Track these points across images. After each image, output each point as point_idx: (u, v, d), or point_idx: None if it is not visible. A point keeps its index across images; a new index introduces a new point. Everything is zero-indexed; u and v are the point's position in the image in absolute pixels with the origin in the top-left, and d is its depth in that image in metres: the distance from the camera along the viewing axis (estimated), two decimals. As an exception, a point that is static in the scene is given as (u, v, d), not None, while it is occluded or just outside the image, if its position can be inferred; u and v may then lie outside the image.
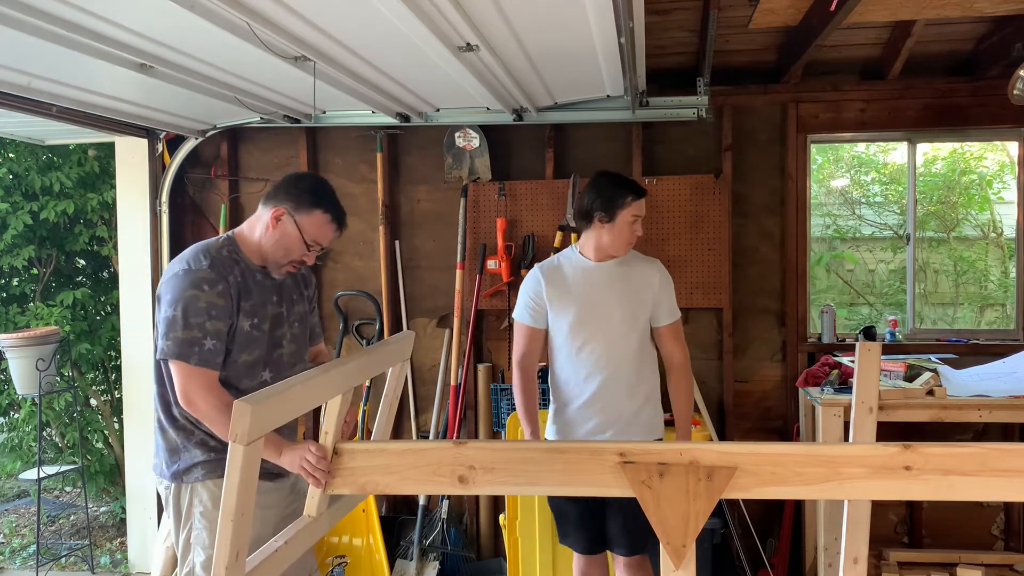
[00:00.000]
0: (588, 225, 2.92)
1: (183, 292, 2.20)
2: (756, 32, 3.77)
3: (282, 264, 2.38)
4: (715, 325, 4.28)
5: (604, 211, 2.86)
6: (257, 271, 2.37)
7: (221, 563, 1.58)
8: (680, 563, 1.57)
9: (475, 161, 4.35)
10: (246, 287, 2.32)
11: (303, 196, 2.34)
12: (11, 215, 4.97)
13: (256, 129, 4.50)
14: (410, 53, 2.91)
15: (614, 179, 2.95)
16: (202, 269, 2.24)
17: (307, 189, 2.36)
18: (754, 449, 1.61)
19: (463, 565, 4.22)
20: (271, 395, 1.64)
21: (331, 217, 2.36)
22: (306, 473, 1.93)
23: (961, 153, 6.94)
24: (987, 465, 1.54)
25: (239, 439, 1.54)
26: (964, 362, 3.86)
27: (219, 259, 2.29)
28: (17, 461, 5.32)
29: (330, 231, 2.38)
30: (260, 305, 2.35)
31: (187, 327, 2.18)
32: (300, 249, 2.36)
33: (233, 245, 2.36)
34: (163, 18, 2.49)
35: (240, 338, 2.29)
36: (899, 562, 3.89)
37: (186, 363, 2.17)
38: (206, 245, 2.34)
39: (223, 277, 2.26)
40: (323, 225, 2.35)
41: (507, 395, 3.92)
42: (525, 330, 2.99)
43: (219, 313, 2.22)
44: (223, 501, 1.58)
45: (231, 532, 1.57)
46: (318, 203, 2.34)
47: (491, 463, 1.69)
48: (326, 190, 2.40)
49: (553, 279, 2.95)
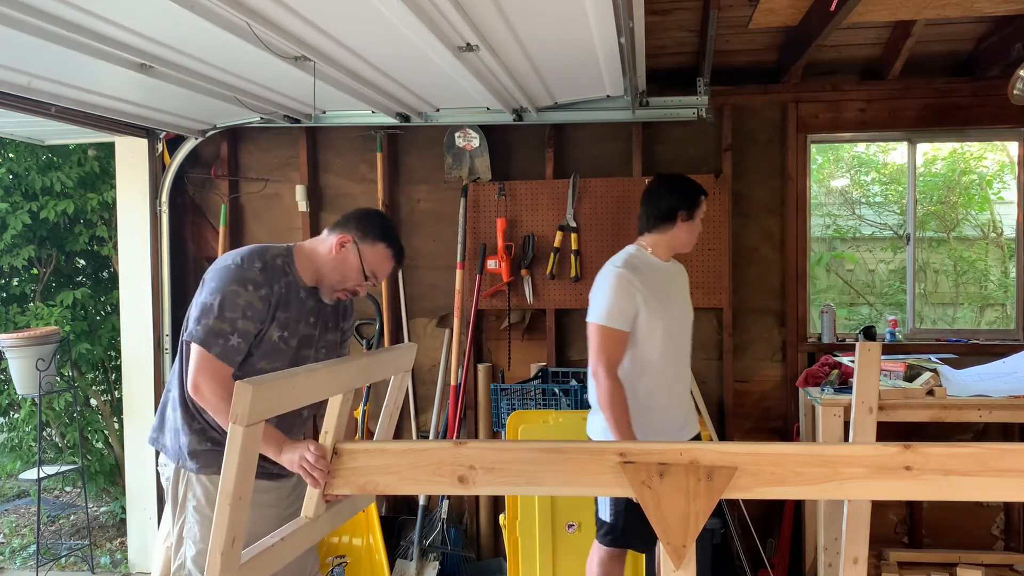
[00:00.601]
0: (669, 224, 2.94)
1: (227, 285, 2.27)
2: (756, 32, 3.77)
3: (336, 289, 2.45)
4: (715, 325, 4.28)
5: (688, 209, 2.93)
6: (303, 288, 2.42)
7: (217, 548, 1.57)
8: (680, 563, 1.57)
9: (475, 161, 4.35)
10: (287, 299, 2.36)
11: (371, 228, 2.43)
12: (11, 215, 4.97)
13: (256, 129, 4.50)
14: (410, 53, 2.91)
15: (687, 179, 3.03)
16: (252, 270, 2.30)
17: (376, 223, 2.46)
18: (754, 449, 1.61)
19: (463, 565, 4.22)
20: (273, 380, 1.66)
21: (392, 253, 2.46)
22: (304, 472, 1.94)
23: (961, 153, 6.95)
24: (987, 465, 1.54)
25: (239, 420, 1.54)
26: (964, 362, 3.86)
27: (271, 266, 2.35)
28: (17, 461, 5.32)
29: (388, 266, 2.47)
30: (294, 320, 2.39)
31: (220, 319, 2.24)
32: (357, 278, 2.43)
33: (289, 258, 2.42)
34: (163, 18, 2.49)
35: (266, 345, 2.33)
36: (899, 562, 3.89)
37: (207, 352, 2.23)
38: (264, 248, 2.40)
39: (269, 283, 2.32)
40: (384, 259, 2.45)
41: (507, 395, 3.91)
42: (618, 336, 2.80)
43: (254, 315, 2.28)
44: (221, 484, 1.59)
45: (228, 515, 1.57)
46: (383, 237, 2.44)
47: (491, 463, 1.69)
48: (392, 228, 2.51)
49: (642, 280, 2.86)
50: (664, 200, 2.95)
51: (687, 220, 2.94)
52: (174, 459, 2.42)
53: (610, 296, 2.80)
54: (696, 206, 2.95)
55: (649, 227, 2.97)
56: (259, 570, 1.76)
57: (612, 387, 2.74)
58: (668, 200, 2.94)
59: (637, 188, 4.23)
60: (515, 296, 4.34)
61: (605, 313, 2.80)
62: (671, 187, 2.98)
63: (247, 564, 1.69)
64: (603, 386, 2.75)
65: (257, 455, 1.66)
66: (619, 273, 2.83)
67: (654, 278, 2.91)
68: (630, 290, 2.81)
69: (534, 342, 4.42)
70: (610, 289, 2.82)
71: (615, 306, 2.79)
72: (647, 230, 2.98)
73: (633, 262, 2.91)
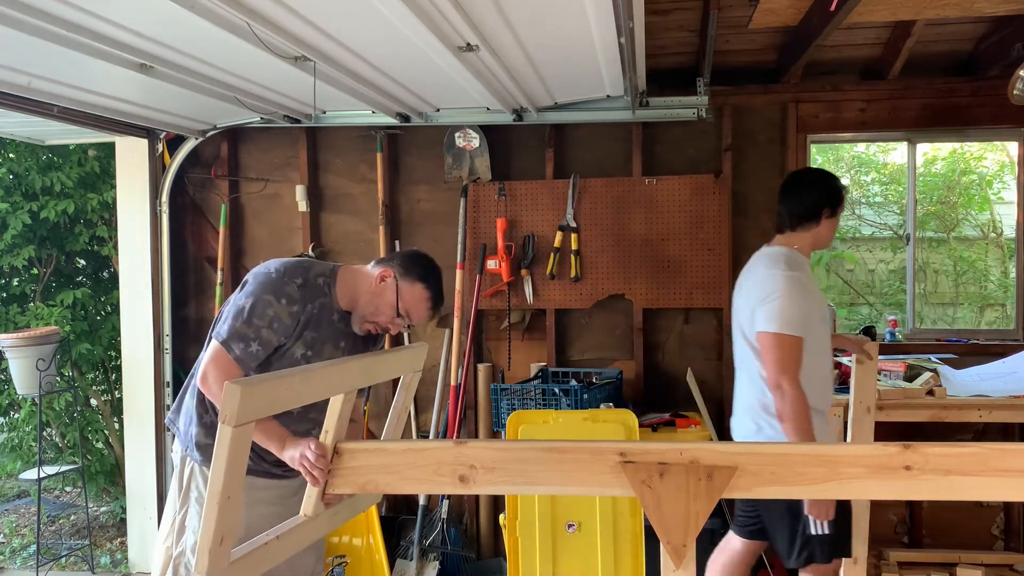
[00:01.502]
0: (813, 222, 2.85)
1: (262, 293, 2.29)
2: (756, 32, 3.77)
3: (367, 320, 2.44)
4: (715, 325, 4.28)
5: (833, 207, 2.87)
6: (336, 311, 2.42)
7: (205, 546, 1.57)
8: (680, 562, 1.57)
9: (475, 161, 4.35)
10: (317, 320, 2.37)
11: (413, 268, 2.43)
12: (11, 215, 4.97)
13: (256, 129, 4.50)
14: (410, 53, 2.91)
15: (827, 174, 2.97)
16: (291, 284, 2.32)
17: (420, 264, 2.45)
18: (755, 449, 1.61)
19: (463, 565, 4.22)
20: (264, 380, 1.65)
21: (430, 295, 2.44)
22: (304, 470, 1.94)
23: (961, 153, 6.95)
24: (988, 465, 1.54)
25: (227, 420, 1.55)
26: (964, 362, 3.86)
27: (311, 284, 2.36)
28: (17, 461, 5.32)
29: (424, 308, 2.45)
30: (321, 342, 2.39)
31: (247, 323, 2.26)
32: (390, 313, 2.41)
33: (332, 279, 2.42)
34: (163, 18, 2.50)
35: (287, 360, 2.34)
36: (899, 562, 3.89)
37: (226, 352, 2.26)
38: (310, 264, 2.41)
39: (303, 301, 2.33)
40: (420, 300, 2.43)
41: (507, 395, 3.91)
42: (798, 343, 2.65)
43: (279, 328, 2.29)
44: (209, 483, 1.59)
45: (216, 515, 1.57)
46: (424, 279, 2.43)
47: (492, 462, 1.69)
48: (436, 273, 2.48)
49: (807, 282, 2.77)
50: (808, 197, 2.85)
51: (831, 217, 2.86)
52: (183, 445, 2.47)
53: (786, 302, 2.67)
54: (841, 202, 2.88)
55: (792, 225, 2.85)
56: (250, 568, 1.75)
57: (798, 398, 2.60)
58: (812, 197, 2.85)
59: (637, 188, 4.24)
60: (515, 296, 4.34)
61: (784, 320, 2.64)
62: (814, 183, 2.90)
63: (237, 562, 1.68)
64: (789, 397, 2.59)
65: (247, 455, 1.66)
66: (793, 277, 2.71)
67: (810, 278, 2.85)
68: (803, 294, 2.71)
69: (534, 342, 4.42)
70: (786, 294, 2.68)
71: (793, 312, 2.66)
72: (790, 228, 2.86)
73: (796, 264, 2.77)
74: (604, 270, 4.28)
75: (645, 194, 4.23)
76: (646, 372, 4.32)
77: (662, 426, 3.90)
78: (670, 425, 3.91)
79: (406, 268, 2.42)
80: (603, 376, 4.11)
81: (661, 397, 4.30)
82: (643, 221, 4.24)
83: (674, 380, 4.28)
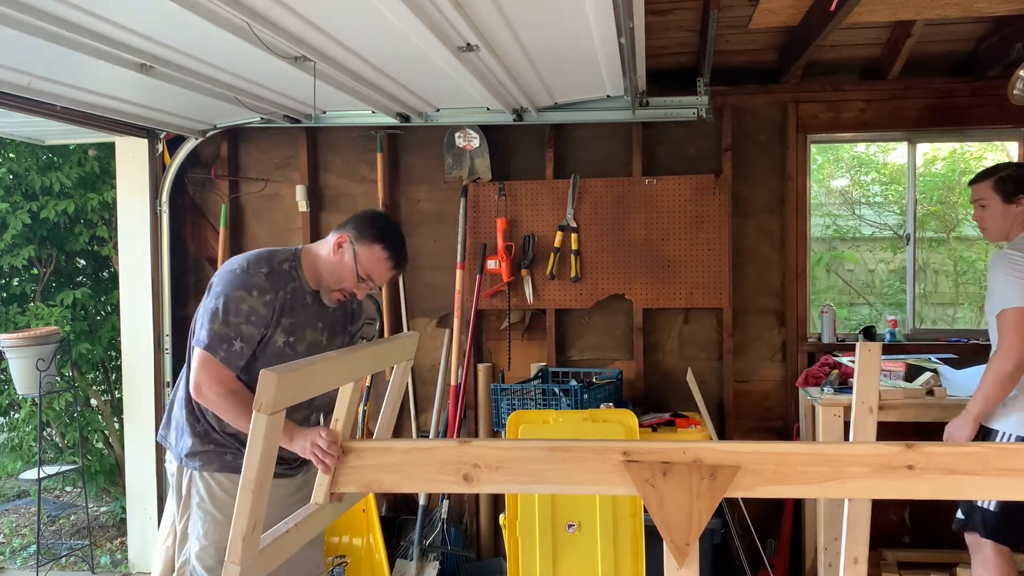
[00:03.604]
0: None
1: (232, 291, 2.28)
2: (756, 32, 3.77)
3: (332, 290, 2.43)
4: (715, 325, 4.28)
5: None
6: (309, 293, 2.42)
7: (238, 535, 1.61)
8: (683, 561, 1.57)
9: (475, 161, 4.35)
10: (292, 305, 2.37)
11: (368, 229, 2.40)
12: (11, 215, 4.97)
13: (256, 129, 4.50)
14: (410, 53, 2.91)
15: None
16: (258, 275, 2.31)
17: (375, 224, 2.42)
18: (757, 448, 1.62)
19: (463, 565, 4.22)
20: (295, 368, 1.69)
21: (389, 255, 2.41)
22: (316, 459, 1.95)
23: (961, 153, 6.95)
24: (989, 465, 1.54)
25: (263, 408, 1.58)
26: (964, 362, 3.86)
27: (277, 271, 2.35)
28: (17, 461, 5.31)
29: (385, 268, 2.42)
30: (300, 326, 2.39)
31: (224, 323, 2.25)
32: (352, 279, 2.40)
33: (296, 262, 2.42)
34: (163, 18, 2.49)
35: (271, 350, 2.34)
36: (899, 562, 3.89)
37: (211, 356, 2.25)
38: (272, 253, 2.40)
39: (274, 289, 2.32)
40: (380, 261, 2.40)
41: (507, 395, 3.91)
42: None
43: (257, 320, 2.29)
44: (244, 471, 1.62)
45: (251, 502, 1.61)
46: (380, 238, 2.40)
47: (496, 462, 1.70)
48: (393, 230, 2.45)
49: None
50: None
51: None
52: (177, 458, 2.46)
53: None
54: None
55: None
56: (276, 554, 1.80)
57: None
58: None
59: (637, 188, 4.24)
60: (515, 296, 4.34)
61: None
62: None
63: (265, 549, 1.73)
64: (1004, 382, 2.75)
65: (278, 444, 1.70)
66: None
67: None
68: None
69: (534, 342, 4.42)
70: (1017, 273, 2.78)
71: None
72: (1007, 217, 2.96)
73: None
74: (604, 270, 4.28)
75: (645, 194, 4.24)
76: (646, 372, 4.32)
77: (662, 426, 3.90)
78: (670, 425, 3.91)
79: (361, 231, 2.39)
80: (603, 376, 4.11)
81: (661, 397, 4.30)
82: (643, 221, 4.24)
83: (674, 380, 4.28)
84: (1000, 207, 2.95)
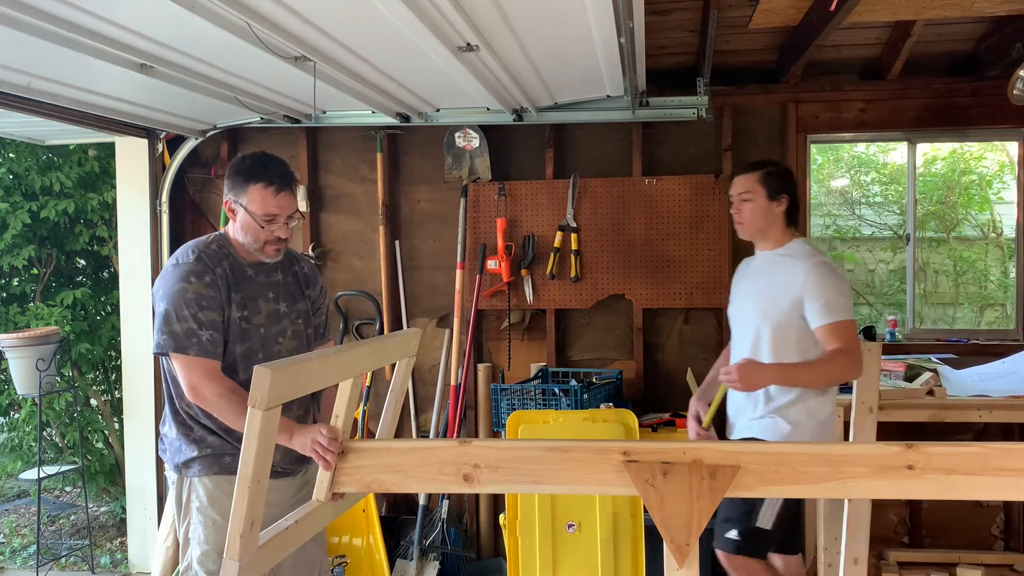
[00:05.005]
0: None
1: (173, 287, 2.26)
2: (756, 32, 3.77)
3: (260, 248, 2.39)
4: (715, 325, 4.28)
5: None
6: (248, 266, 2.41)
7: (236, 531, 1.61)
8: (684, 561, 1.57)
9: (475, 161, 4.35)
10: (235, 279, 2.36)
11: (237, 179, 2.35)
12: (11, 215, 4.97)
13: (256, 129, 4.50)
14: (410, 53, 2.91)
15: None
16: (189, 263, 2.30)
17: (239, 171, 2.36)
18: (757, 448, 1.62)
19: (463, 565, 4.22)
20: (290, 364, 1.68)
21: (265, 184, 2.32)
22: (317, 455, 1.95)
23: (961, 153, 6.95)
24: (990, 465, 1.54)
25: (258, 404, 1.57)
26: (964, 362, 3.86)
27: (207, 252, 2.34)
28: (17, 461, 5.31)
29: (272, 200, 2.33)
30: (251, 299, 2.38)
31: (180, 319, 2.23)
32: (261, 230, 2.35)
33: (223, 240, 2.42)
34: (163, 18, 2.49)
35: (233, 328, 2.33)
36: (899, 562, 3.89)
37: (185, 355, 2.23)
38: (196, 241, 2.40)
39: (210, 268, 2.31)
40: (264, 198, 2.32)
41: (507, 395, 3.91)
42: None
43: (209, 303, 2.27)
44: (240, 468, 1.61)
45: (247, 499, 1.60)
46: (249, 179, 2.33)
47: (496, 462, 1.70)
48: (257, 163, 2.36)
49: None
50: None
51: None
52: (176, 471, 2.44)
53: None
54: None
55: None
56: (275, 551, 1.80)
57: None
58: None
59: (637, 188, 4.24)
60: (515, 296, 4.34)
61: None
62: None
63: (264, 546, 1.73)
64: None
65: (275, 440, 1.69)
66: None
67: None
68: None
69: (534, 342, 4.42)
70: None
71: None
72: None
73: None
74: (604, 270, 4.28)
75: (645, 194, 4.24)
76: (646, 372, 4.32)
77: (662, 426, 3.90)
78: (670, 425, 3.91)
79: (233, 185, 2.35)
80: (603, 376, 4.11)
81: (661, 397, 4.30)
82: (643, 221, 4.24)
83: (674, 380, 4.27)
84: (764, 203, 2.84)
